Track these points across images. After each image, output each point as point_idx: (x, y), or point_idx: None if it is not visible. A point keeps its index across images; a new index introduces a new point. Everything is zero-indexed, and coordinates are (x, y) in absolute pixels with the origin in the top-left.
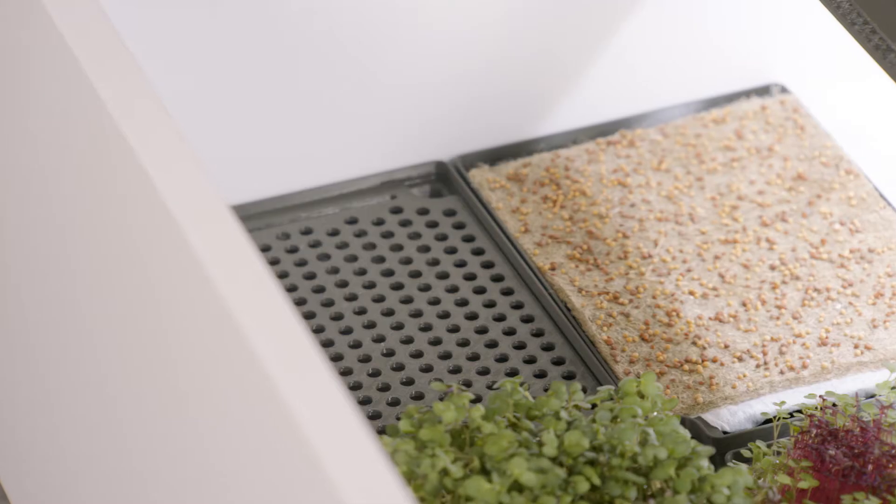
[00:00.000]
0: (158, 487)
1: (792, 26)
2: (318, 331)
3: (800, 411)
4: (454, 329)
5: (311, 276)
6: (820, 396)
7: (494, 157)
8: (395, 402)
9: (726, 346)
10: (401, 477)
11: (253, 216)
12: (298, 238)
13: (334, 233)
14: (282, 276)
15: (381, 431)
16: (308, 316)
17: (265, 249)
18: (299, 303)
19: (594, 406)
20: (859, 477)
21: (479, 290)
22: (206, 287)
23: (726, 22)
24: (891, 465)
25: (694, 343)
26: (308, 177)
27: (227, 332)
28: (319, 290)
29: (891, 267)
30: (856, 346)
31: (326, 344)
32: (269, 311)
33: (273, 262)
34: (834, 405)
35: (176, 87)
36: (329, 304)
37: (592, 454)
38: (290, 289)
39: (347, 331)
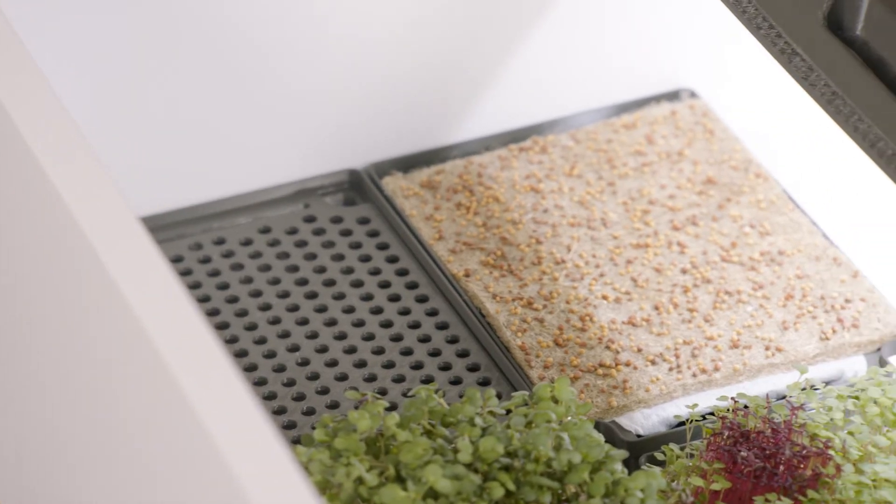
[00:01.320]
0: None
1: (700, 31)
2: (231, 341)
3: (712, 413)
4: (369, 337)
5: (224, 287)
6: (732, 398)
7: (407, 164)
8: (310, 412)
9: (639, 350)
10: (315, 486)
11: (164, 227)
12: (211, 248)
13: (247, 242)
14: (194, 286)
15: (296, 441)
16: (221, 326)
17: (177, 260)
18: (212, 313)
19: (509, 412)
20: (771, 478)
21: (394, 298)
22: (115, 299)
23: (636, 27)
24: (802, 466)
25: (607, 347)
26: (220, 186)
27: (138, 345)
28: (233, 300)
29: (800, 269)
30: (767, 348)
31: (240, 354)
32: (179, 322)
33: (185, 273)
34: (745, 407)
35: (84, 97)
36: (243, 314)
37: (507, 460)
38: (203, 299)
39: (261, 340)
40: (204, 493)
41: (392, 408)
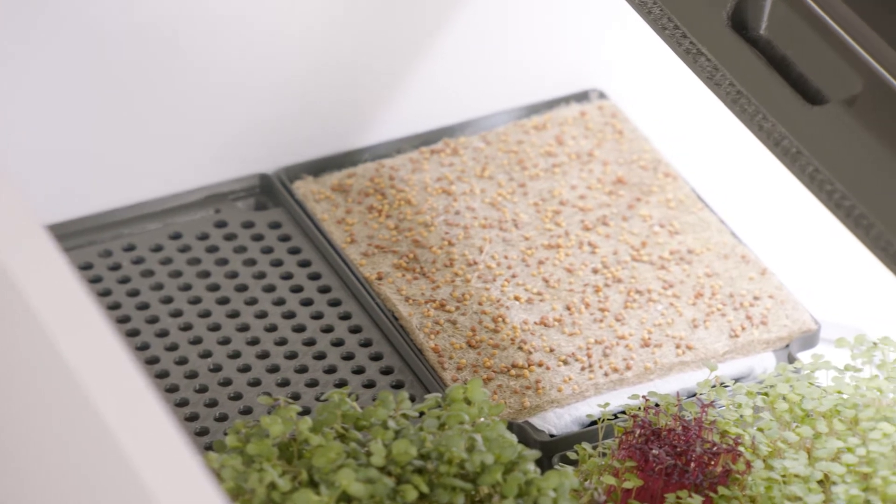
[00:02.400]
0: None
1: (608, 32)
2: (142, 348)
3: (624, 412)
4: (282, 342)
5: (134, 294)
6: (643, 397)
7: (318, 168)
8: (223, 418)
9: (552, 350)
10: (227, 493)
11: (73, 234)
12: (121, 255)
13: (158, 248)
14: (104, 294)
15: (208, 447)
16: (132, 333)
17: (86, 267)
18: (123, 320)
19: (422, 414)
20: (682, 475)
21: (306, 302)
22: (21, 310)
23: (545, 29)
24: (712, 463)
25: (520, 348)
26: (129, 192)
27: (45, 355)
28: (143, 307)
29: (709, 267)
30: (677, 346)
31: (152, 361)
32: (86, 331)
33: (95, 280)
34: (657, 405)
35: None
36: (154, 320)
37: (420, 462)
38: (113, 307)
39: (173, 347)
40: (114, 502)
41: (305, 412)
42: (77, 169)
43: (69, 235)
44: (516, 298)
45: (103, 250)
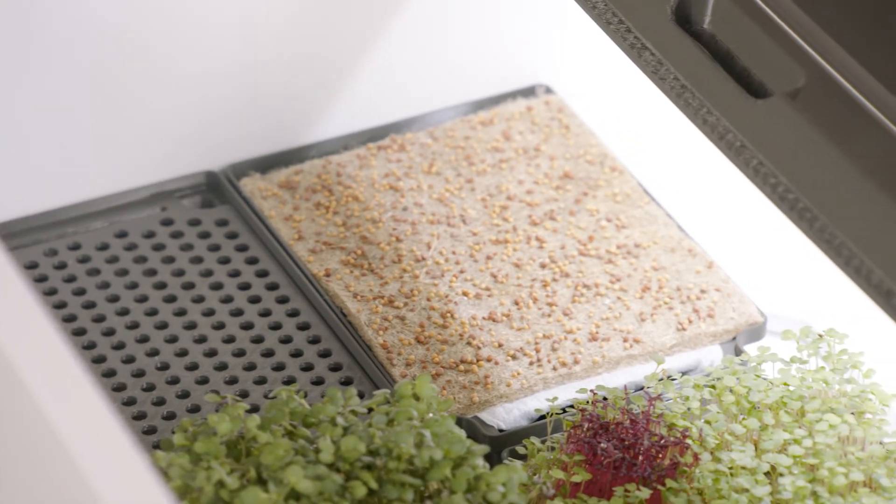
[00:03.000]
0: None
1: (554, 27)
2: (89, 347)
3: (572, 406)
4: (229, 339)
5: (80, 293)
6: (591, 391)
7: (265, 165)
8: (170, 416)
9: (500, 345)
10: (175, 491)
11: (18, 233)
12: (66, 254)
13: (104, 247)
14: (50, 293)
15: (156, 446)
16: (78, 332)
17: (32, 267)
18: (69, 319)
19: (371, 410)
20: (630, 468)
21: (254, 300)
22: None
23: (490, 24)
24: (660, 456)
25: (469, 343)
26: (74, 191)
27: None
28: (90, 305)
29: (656, 261)
30: (625, 340)
31: (98, 360)
32: (30, 330)
33: (40, 280)
34: (604, 399)
35: None
36: (100, 319)
37: (369, 458)
38: (59, 306)
39: (120, 346)
40: (58, 501)
41: (254, 410)
42: (20, 168)
43: (13, 235)
44: (464, 294)
45: (48, 249)
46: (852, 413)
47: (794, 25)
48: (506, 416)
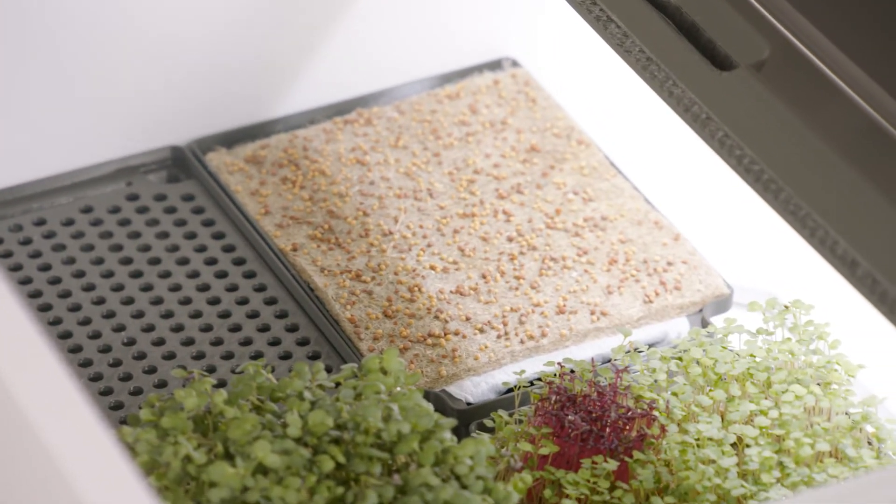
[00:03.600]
0: None
1: (519, 1)
2: (55, 323)
3: (540, 379)
4: (196, 314)
5: (46, 268)
6: (558, 363)
7: (231, 139)
8: (137, 392)
9: (468, 319)
10: (142, 467)
11: None
12: (31, 229)
13: (69, 222)
14: (15, 268)
15: (122, 422)
16: (44, 308)
17: None
18: (34, 295)
19: (338, 385)
20: (598, 440)
21: (221, 275)
22: None
23: None
24: (627, 428)
25: (436, 317)
26: (39, 166)
27: None
28: (55, 281)
29: (623, 233)
30: (592, 313)
31: (64, 336)
32: None
33: (5, 255)
34: (572, 371)
35: None
36: (66, 295)
37: (337, 433)
38: (24, 281)
39: (86, 321)
40: (23, 477)
41: (221, 385)
42: None
43: None
44: (432, 268)
45: (13, 225)
46: (818, 384)
47: None
48: (473, 389)
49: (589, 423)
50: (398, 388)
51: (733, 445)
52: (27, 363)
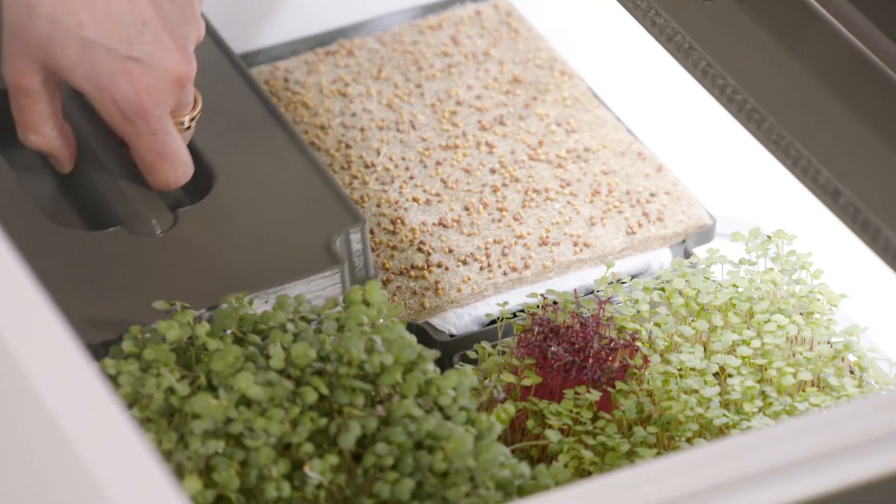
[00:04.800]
0: None
1: None
2: None
3: (523, 310)
4: None
5: None
6: (541, 295)
7: None
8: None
9: (450, 251)
10: (124, 398)
11: None
12: None
13: None
14: None
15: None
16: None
17: None
18: None
19: (321, 317)
20: (581, 371)
21: None
22: None
23: None
24: (610, 359)
25: (419, 249)
26: None
27: None
28: None
29: (606, 165)
30: (575, 244)
31: None
32: None
33: None
34: (555, 303)
35: None
36: None
37: (320, 364)
38: None
39: None
40: (5, 407)
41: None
42: None
43: None
44: (414, 200)
45: None
46: (801, 313)
47: None
48: (456, 321)
49: (572, 354)
50: (381, 321)
51: (716, 375)
52: (7, 294)
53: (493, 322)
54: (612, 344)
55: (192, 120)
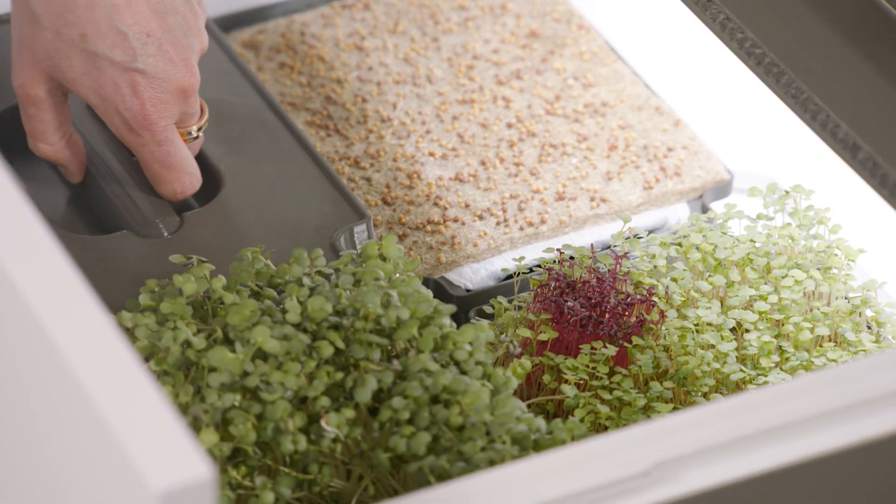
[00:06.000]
0: None
1: None
2: None
3: (539, 266)
4: None
5: None
6: (558, 250)
7: (228, 24)
8: None
9: (467, 206)
10: (140, 352)
11: None
12: None
13: None
14: None
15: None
16: None
17: None
18: None
19: (337, 271)
20: (597, 326)
21: None
22: None
23: None
24: (626, 314)
25: (435, 204)
26: None
27: None
28: None
29: (623, 119)
30: (592, 199)
31: None
32: None
33: None
34: (571, 258)
35: None
36: None
37: (336, 319)
38: None
39: None
40: (23, 357)
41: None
42: None
43: None
44: (431, 154)
45: None
46: (818, 269)
47: None
48: (473, 276)
49: (588, 309)
50: (397, 275)
51: (732, 330)
52: (25, 249)
53: (510, 277)
54: (629, 299)
55: (199, 130)
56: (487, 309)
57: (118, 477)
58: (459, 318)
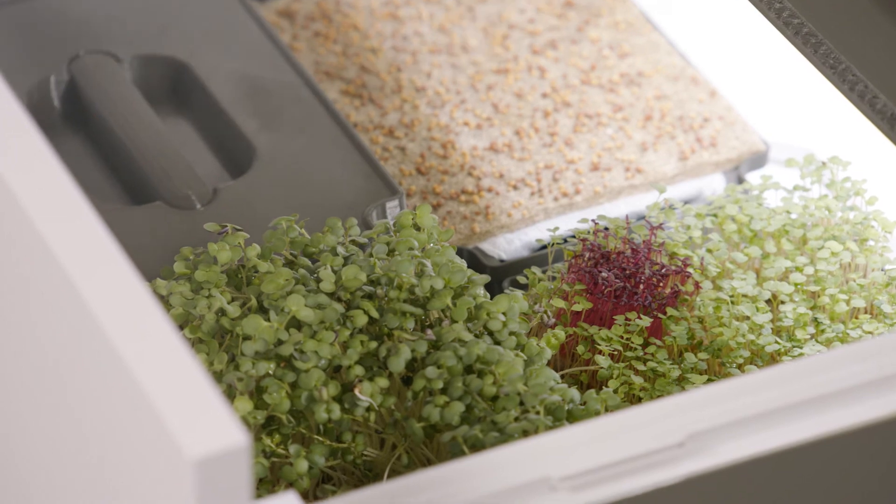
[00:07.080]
0: None
1: None
2: None
3: (574, 236)
4: None
5: None
6: (592, 220)
7: None
8: None
9: (501, 176)
10: (175, 319)
11: None
12: None
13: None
14: None
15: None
16: None
17: None
18: None
19: (371, 240)
20: (631, 297)
21: None
22: None
23: None
24: (661, 285)
25: (469, 174)
26: None
27: None
28: None
29: (659, 89)
30: (627, 170)
31: None
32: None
33: None
34: (606, 228)
35: None
36: None
37: (370, 288)
38: None
39: None
40: (60, 325)
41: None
42: None
43: None
44: (465, 124)
45: None
46: (855, 240)
47: None
48: (507, 246)
49: (622, 280)
50: (431, 245)
51: (768, 302)
52: (61, 214)
53: (544, 247)
54: (664, 270)
55: None
56: (521, 279)
57: (153, 444)
58: (493, 289)
